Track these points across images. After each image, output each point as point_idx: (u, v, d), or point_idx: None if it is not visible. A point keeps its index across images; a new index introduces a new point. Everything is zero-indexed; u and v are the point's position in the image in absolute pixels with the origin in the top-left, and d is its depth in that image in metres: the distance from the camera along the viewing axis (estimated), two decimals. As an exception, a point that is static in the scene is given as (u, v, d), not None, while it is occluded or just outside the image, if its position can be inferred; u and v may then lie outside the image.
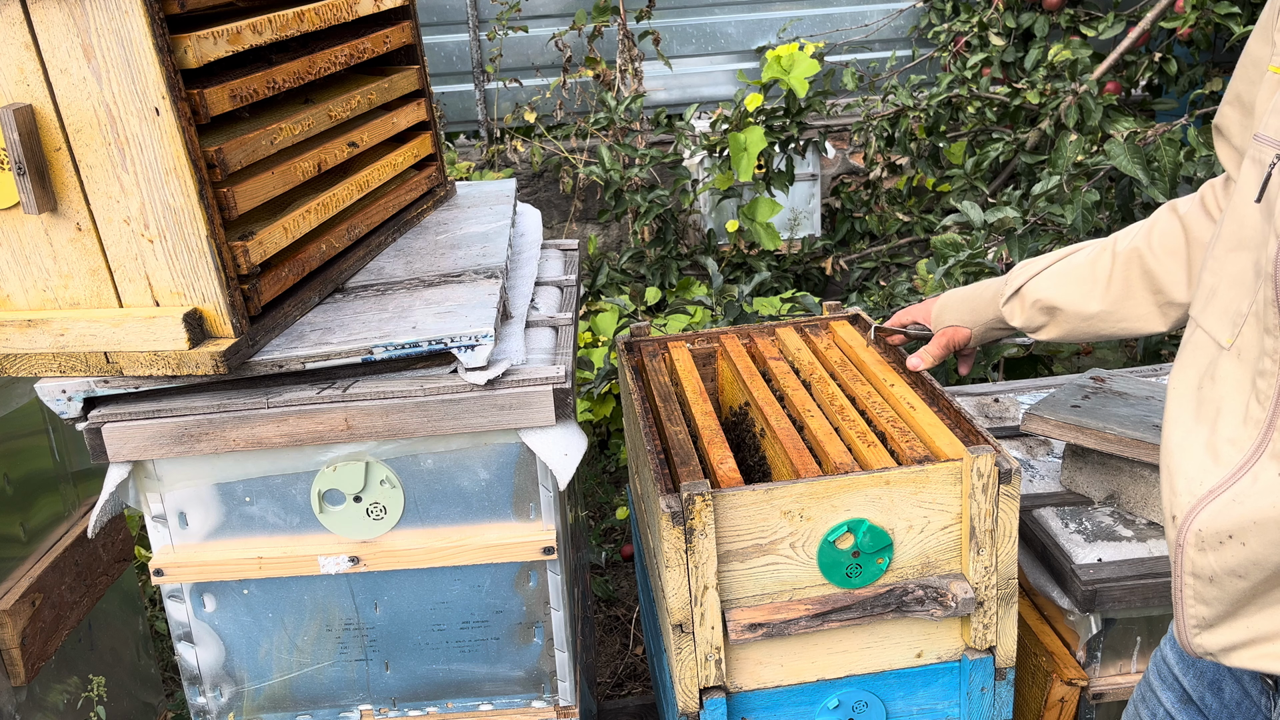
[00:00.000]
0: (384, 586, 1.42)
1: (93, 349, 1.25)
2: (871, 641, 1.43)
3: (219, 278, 1.23)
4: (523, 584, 1.42)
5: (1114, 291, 1.36)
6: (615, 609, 2.85)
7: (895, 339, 1.68)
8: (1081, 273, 1.39)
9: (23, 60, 1.15)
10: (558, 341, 1.48)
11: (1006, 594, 1.41)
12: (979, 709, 1.47)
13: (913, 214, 3.92)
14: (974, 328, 1.55)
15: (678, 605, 1.35)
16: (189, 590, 1.41)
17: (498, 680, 1.47)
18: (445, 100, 5.27)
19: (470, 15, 5.06)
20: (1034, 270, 1.45)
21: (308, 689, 1.48)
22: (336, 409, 1.30)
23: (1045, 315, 1.44)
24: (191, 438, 1.30)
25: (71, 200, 1.21)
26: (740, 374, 1.66)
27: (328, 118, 1.46)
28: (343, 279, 1.51)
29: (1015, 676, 1.47)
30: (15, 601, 1.56)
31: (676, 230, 3.88)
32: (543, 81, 5.09)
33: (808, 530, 1.35)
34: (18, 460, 1.66)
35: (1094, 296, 1.38)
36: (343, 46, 1.50)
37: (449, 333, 1.29)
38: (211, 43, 1.19)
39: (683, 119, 4.29)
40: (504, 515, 1.39)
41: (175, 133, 1.15)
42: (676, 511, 1.29)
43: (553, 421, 1.31)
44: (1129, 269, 1.34)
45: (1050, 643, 1.69)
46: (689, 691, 1.40)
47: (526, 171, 4.92)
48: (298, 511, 1.37)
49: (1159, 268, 1.32)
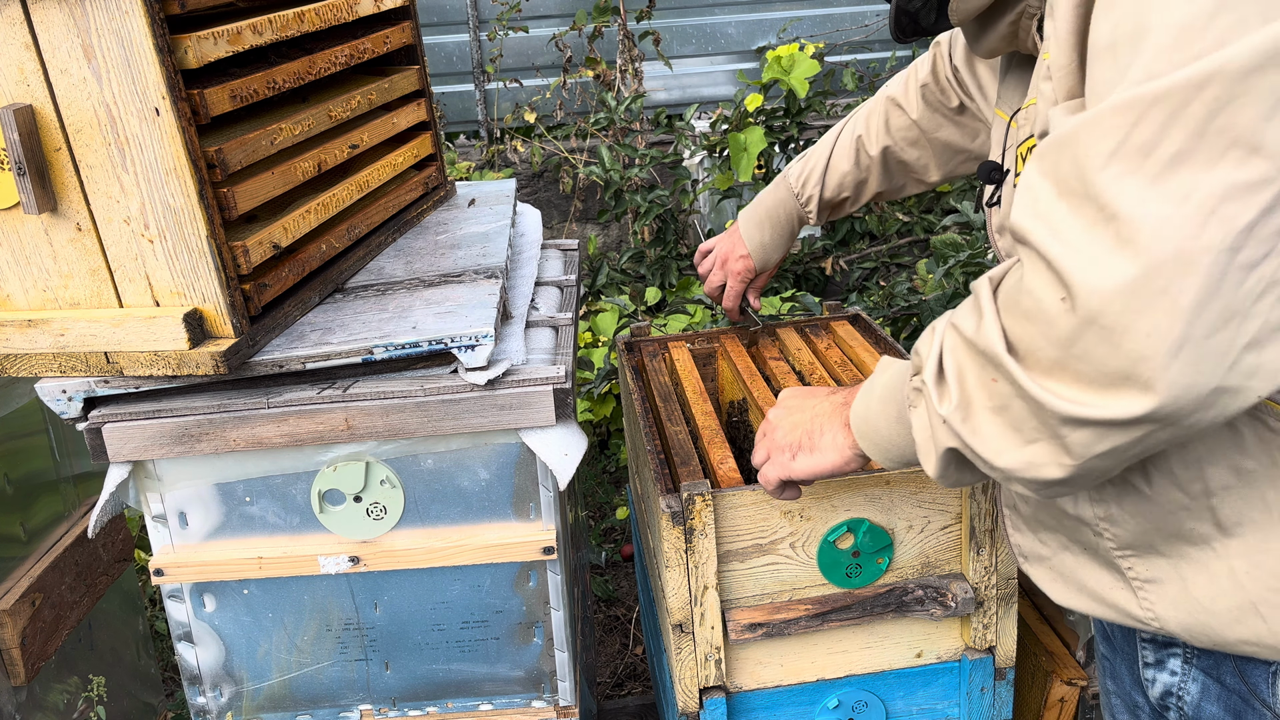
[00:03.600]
0: (384, 586, 1.42)
1: (93, 349, 1.25)
2: (871, 641, 1.43)
3: (219, 278, 1.23)
4: (523, 584, 1.42)
5: (883, 179, 1.61)
6: (615, 609, 2.85)
7: (735, 314, 1.81)
8: (853, 175, 1.62)
9: (23, 60, 1.15)
10: (558, 341, 1.49)
11: (1006, 594, 1.41)
12: (979, 709, 1.47)
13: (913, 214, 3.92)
14: (786, 254, 1.76)
15: (678, 605, 1.35)
16: (189, 590, 1.41)
17: (498, 680, 1.48)
18: (445, 100, 5.27)
19: (470, 15, 5.06)
20: (816, 186, 1.63)
21: (308, 689, 1.48)
22: (336, 409, 1.30)
23: (836, 210, 1.68)
24: (191, 438, 1.30)
25: (71, 200, 1.21)
26: (740, 374, 1.66)
27: (328, 118, 1.46)
28: (343, 279, 1.51)
29: (1015, 676, 1.47)
30: (15, 601, 1.56)
31: (676, 230, 3.88)
32: (543, 81, 5.09)
33: (808, 530, 1.35)
34: (18, 460, 1.66)
35: (868, 188, 1.62)
36: (343, 47, 1.50)
37: (449, 333, 1.29)
38: (211, 43, 1.19)
39: (683, 119, 4.29)
40: (504, 515, 1.39)
41: (175, 133, 1.15)
42: (676, 511, 1.29)
43: (553, 421, 1.32)
44: (886, 163, 1.59)
45: (1050, 643, 1.69)
46: (689, 691, 1.40)
47: (526, 171, 4.92)
48: (298, 511, 1.37)
49: (909, 158, 1.58)
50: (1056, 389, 0.76)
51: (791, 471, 1.12)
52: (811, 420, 1.12)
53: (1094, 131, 0.72)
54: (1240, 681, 0.95)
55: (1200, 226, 0.68)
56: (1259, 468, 0.88)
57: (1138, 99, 0.70)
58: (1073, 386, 0.75)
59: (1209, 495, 0.90)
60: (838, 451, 1.08)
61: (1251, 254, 0.68)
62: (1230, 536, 0.91)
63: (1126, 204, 0.70)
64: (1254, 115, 0.67)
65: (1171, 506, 0.92)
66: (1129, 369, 0.71)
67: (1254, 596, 0.90)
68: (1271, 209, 0.68)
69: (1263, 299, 0.69)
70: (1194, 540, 0.92)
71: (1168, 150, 0.69)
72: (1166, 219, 0.69)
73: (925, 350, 0.90)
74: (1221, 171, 0.68)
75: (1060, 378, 0.76)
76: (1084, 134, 0.73)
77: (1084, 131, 0.73)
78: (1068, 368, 0.75)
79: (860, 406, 1.04)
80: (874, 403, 1.01)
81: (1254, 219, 0.68)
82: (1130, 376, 0.72)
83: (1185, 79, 0.68)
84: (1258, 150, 0.68)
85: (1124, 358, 0.71)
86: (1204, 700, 0.99)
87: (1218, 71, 0.67)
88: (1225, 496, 0.90)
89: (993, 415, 0.82)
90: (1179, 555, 0.93)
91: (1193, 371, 0.70)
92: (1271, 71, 0.67)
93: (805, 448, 1.11)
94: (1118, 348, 0.71)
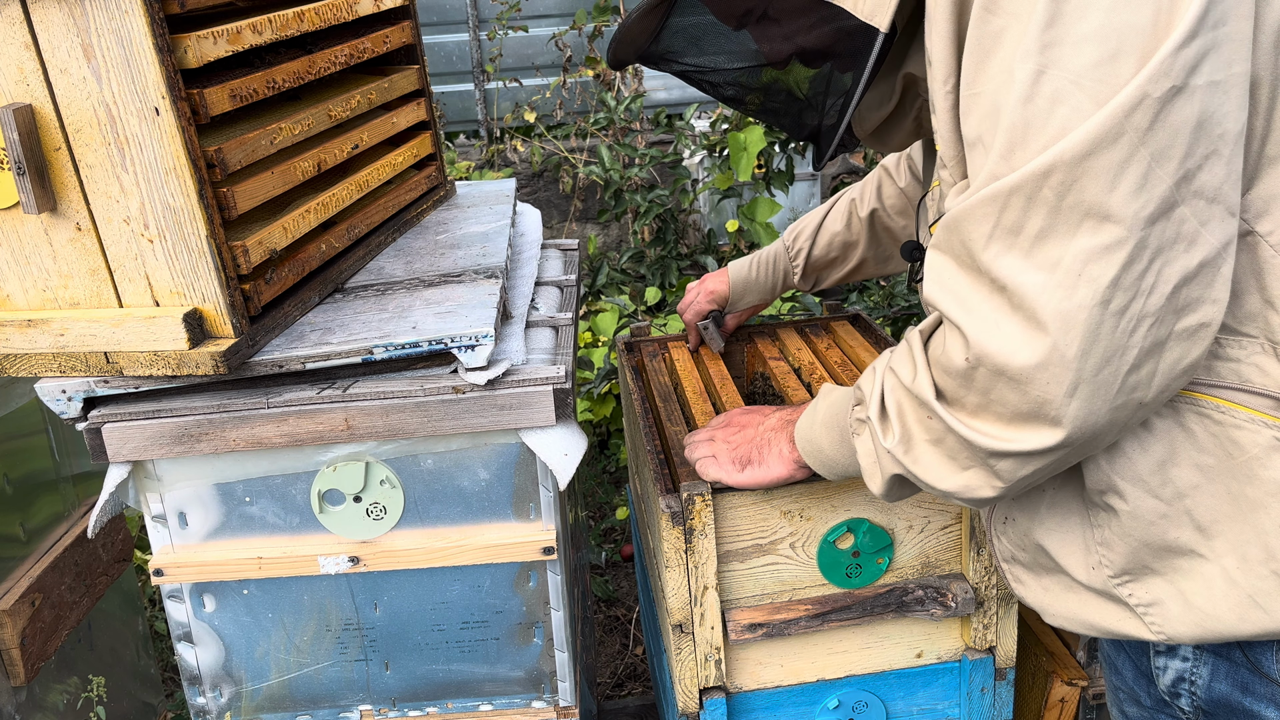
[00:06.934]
0: (384, 586, 1.42)
1: (93, 349, 1.25)
2: (871, 641, 1.43)
3: (219, 278, 1.23)
4: (523, 584, 1.42)
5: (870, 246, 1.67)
6: (615, 609, 2.85)
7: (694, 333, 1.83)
8: (843, 236, 1.68)
9: (23, 60, 1.15)
10: (558, 341, 1.48)
11: (1006, 594, 1.41)
12: (979, 709, 1.47)
13: (913, 214, 3.92)
14: (770, 300, 1.80)
15: (678, 605, 1.35)
16: (189, 590, 1.41)
17: (498, 680, 1.48)
18: (445, 100, 5.27)
19: (470, 15, 5.06)
20: (807, 241, 1.70)
21: (307, 689, 1.48)
22: (336, 409, 1.30)
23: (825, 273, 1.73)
24: (191, 438, 1.30)
25: (71, 200, 1.21)
26: (764, 358, 1.66)
27: (328, 118, 1.46)
28: (343, 279, 1.51)
29: (1015, 677, 1.47)
30: (15, 601, 1.56)
31: (676, 230, 3.88)
32: (543, 81, 5.09)
33: (808, 530, 1.35)
34: (18, 460, 1.66)
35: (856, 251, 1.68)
36: (343, 46, 1.50)
37: (449, 333, 1.29)
38: (211, 43, 1.19)
39: (683, 119, 4.29)
40: (504, 515, 1.39)
41: (175, 133, 1.15)
42: (676, 511, 1.29)
43: (553, 421, 1.31)
44: (874, 228, 1.64)
45: (1050, 643, 1.69)
46: (689, 692, 1.40)
47: (526, 171, 4.92)
48: (298, 511, 1.37)
49: (895, 225, 1.62)
50: (980, 427, 0.91)
51: (736, 481, 1.28)
52: (759, 435, 1.29)
53: (971, 218, 0.85)
54: (1245, 657, 0.99)
55: (1071, 289, 0.81)
56: (1216, 461, 0.94)
57: (999, 190, 0.82)
58: (994, 424, 0.90)
59: (1181, 497, 0.95)
60: (783, 464, 1.25)
61: (1120, 302, 0.81)
62: (1212, 537, 0.95)
63: (1009, 276, 0.83)
64: (1097, 190, 0.79)
65: (1152, 516, 0.97)
66: (1037, 409, 0.86)
67: (1249, 590, 0.94)
68: (1131, 262, 0.80)
69: (1135, 332, 0.82)
70: (1181, 550, 0.97)
71: (1032, 229, 0.82)
72: (1043, 286, 0.82)
73: (868, 389, 1.04)
74: (1081, 240, 0.80)
75: (983, 418, 0.91)
76: (964, 220, 0.86)
77: (964, 218, 0.86)
78: (989, 409, 0.89)
79: (805, 427, 1.20)
80: (818, 425, 1.17)
81: (1117, 274, 0.80)
82: (1039, 415, 0.86)
83: (1032, 171, 0.80)
84: (1108, 217, 0.79)
85: (1031, 401, 0.86)
86: (1214, 680, 1.03)
87: (1057, 160, 0.79)
88: (1196, 495, 0.95)
89: (931, 447, 0.97)
90: (1172, 570, 0.98)
91: (1089, 404, 0.84)
92: (1102, 153, 0.78)
93: (754, 461, 1.27)
94: (1025, 394, 0.85)
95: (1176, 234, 0.81)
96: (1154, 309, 0.82)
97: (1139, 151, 0.78)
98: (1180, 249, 0.81)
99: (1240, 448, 0.92)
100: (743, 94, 1.18)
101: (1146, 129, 0.77)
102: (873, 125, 1.14)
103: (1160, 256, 0.81)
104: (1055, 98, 0.79)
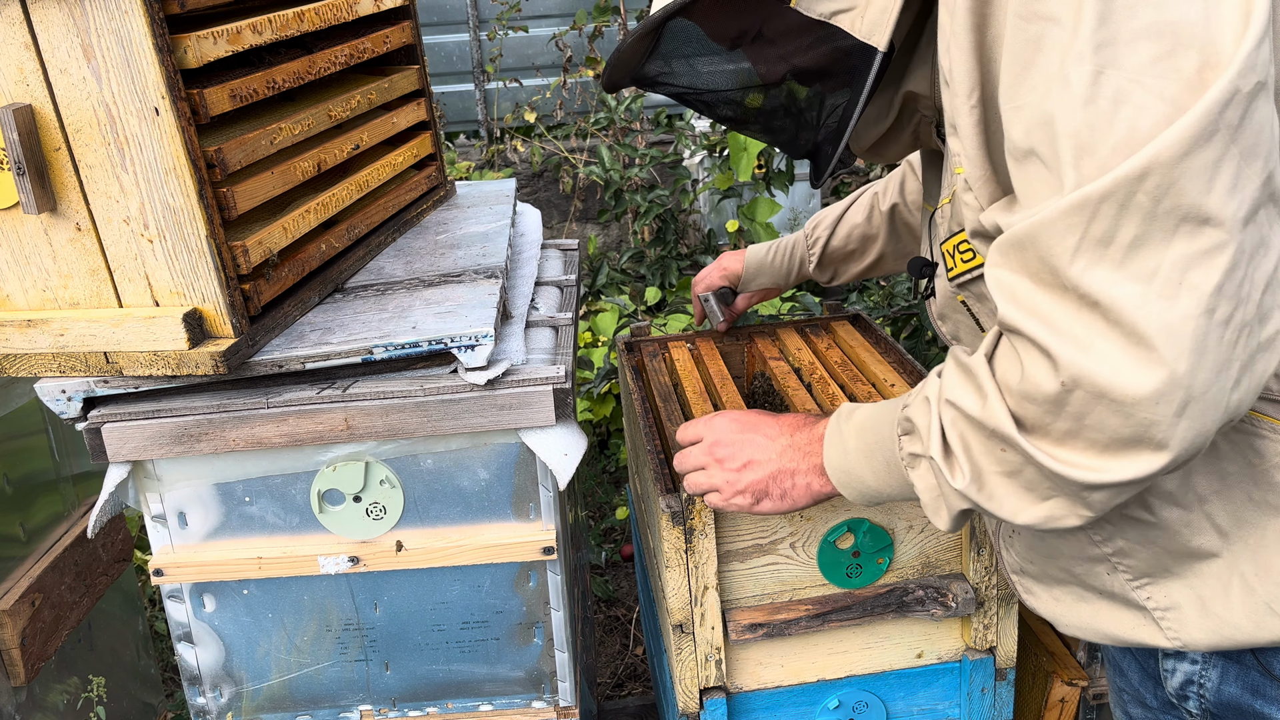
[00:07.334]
0: (384, 587, 1.42)
1: (92, 349, 1.25)
2: (872, 642, 1.43)
3: (219, 278, 1.23)
4: (523, 584, 1.42)
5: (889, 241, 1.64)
6: (615, 609, 2.85)
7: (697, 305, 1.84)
8: (863, 229, 1.65)
9: (22, 60, 1.15)
10: (558, 341, 1.48)
11: (1007, 594, 1.41)
12: (979, 709, 1.47)
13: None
14: (784, 286, 1.78)
15: (678, 605, 1.35)
16: (189, 590, 1.41)
17: (498, 680, 1.47)
18: (445, 100, 5.27)
19: (470, 15, 5.06)
20: (826, 231, 1.68)
21: (307, 689, 1.48)
22: (336, 409, 1.30)
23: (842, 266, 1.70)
24: (191, 438, 1.30)
25: (71, 200, 1.21)
26: (764, 358, 1.66)
27: (328, 118, 1.46)
28: (342, 279, 1.51)
29: (1016, 677, 1.47)
30: (15, 601, 1.56)
31: (676, 230, 3.88)
32: (543, 81, 5.09)
33: (808, 530, 1.35)
34: (17, 460, 1.66)
35: (875, 246, 1.65)
36: (343, 46, 1.50)
37: (449, 333, 1.29)
38: (211, 43, 1.19)
39: (683, 119, 4.29)
40: (504, 515, 1.39)
41: (175, 133, 1.15)
42: (676, 511, 1.29)
43: (553, 421, 1.31)
44: (893, 222, 1.62)
45: (1051, 643, 1.69)
46: (689, 692, 1.40)
47: (526, 171, 4.92)
48: (297, 511, 1.37)
49: (915, 221, 1.59)
50: (1069, 458, 0.83)
51: (753, 511, 1.16)
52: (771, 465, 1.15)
53: (1051, 231, 0.79)
54: (1257, 661, 0.99)
55: (1172, 299, 0.75)
56: (1237, 468, 0.94)
57: (1086, 199, 0.76)
58: (1085, 453, 0.82)
59: (1202, 503, 0.95)
60: (811, 497, 1.13)
61: (1225, 311, 0.76)
62: (1232, 542, 0.95)
63: (1102, 290, 0.77)
64: (1194, 191, 0.74)
65: (1176, 525, 0.97)
66: (1141, 433, 0.79)
67: (1266, 597, 0.94)
68: (1234, 267, 0.75)
69: (1238, 344, 0.77)
70: (1202, 555, 0.97)
71: (1125, 238, 0.76)
72: (1141, 297, 0.76)
73: (921, 422, 0.96)
74: (1178, 246, 0.75)
75: (1072, 446, 0.83)
76: (1042, 234, 0.79)
77: (1041, 232, 0.79)
78: (1081, 436, 0.82)
79: (836, 458, 1.08)
80: (852, 456, 1.06)
81: (1220, 280, 0.75)
82: (1142, 439, 0.79)
83: (1124, 175, 0.74)
84: (1207, 220, 0.74)
85: (1136, 424, 0.78)
86: (1224, 683, 1.03)
87: (1152, 163, 0.74)
88: (1216, 501, 0.95)
89: (1005, 479, 0.89)
90: (1192, 574, 0.98)
91: (1198, 423, 0.78)
92: (1198, 152, 0.73)
93: (773, 495, 1.14)
94: (1129, 416, 0.78)
95: (1260, 237, 0.77)
96: (1250, 317, 0.77)
97: (1230, 150, 0.74)
98: (1262, 253, 0.77)
99: (1261, 455, 0.92)
100: (738, 114, 1.15)
101: (1237, 126, 0.74)
102: (870, 141, 1.12)
103: (1252, 261, 0.76)
104: (1118, 98, 0.75)
